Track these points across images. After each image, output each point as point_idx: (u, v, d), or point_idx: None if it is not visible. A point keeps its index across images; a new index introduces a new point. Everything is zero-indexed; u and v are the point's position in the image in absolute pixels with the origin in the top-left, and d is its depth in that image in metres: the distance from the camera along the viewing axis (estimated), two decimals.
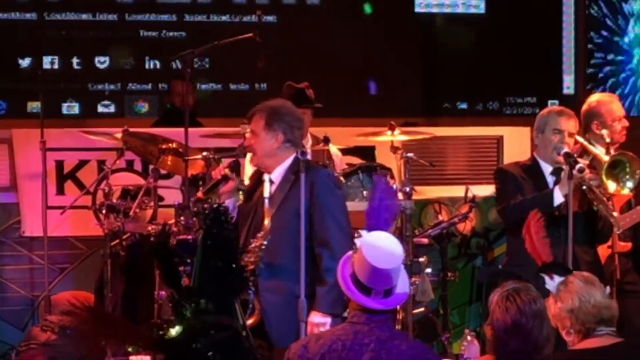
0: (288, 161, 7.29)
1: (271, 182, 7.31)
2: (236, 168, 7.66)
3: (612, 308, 6.22)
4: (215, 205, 4.84)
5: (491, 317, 5.70)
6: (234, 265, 4.67)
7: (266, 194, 7.38)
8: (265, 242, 7.23)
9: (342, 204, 7.26)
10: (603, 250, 8.22)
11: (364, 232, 5.79)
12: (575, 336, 6.18)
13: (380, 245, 5.66)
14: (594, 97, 8.94)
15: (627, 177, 7.94)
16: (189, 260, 7.19)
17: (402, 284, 5.71)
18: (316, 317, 6.86)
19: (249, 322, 6.97)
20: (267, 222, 7.31)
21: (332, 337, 5.66)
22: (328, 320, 6.90)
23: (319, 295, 6.91)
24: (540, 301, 5.76)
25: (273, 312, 7.25)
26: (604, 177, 7.87)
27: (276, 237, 7.12)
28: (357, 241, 5.77)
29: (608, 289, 6.46)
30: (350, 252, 5.75)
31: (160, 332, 5.74)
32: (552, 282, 6.20)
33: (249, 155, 8.83)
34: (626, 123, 8.56)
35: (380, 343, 5.58)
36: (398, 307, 8.27)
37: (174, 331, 4.64)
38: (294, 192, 7.15)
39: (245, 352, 4.57)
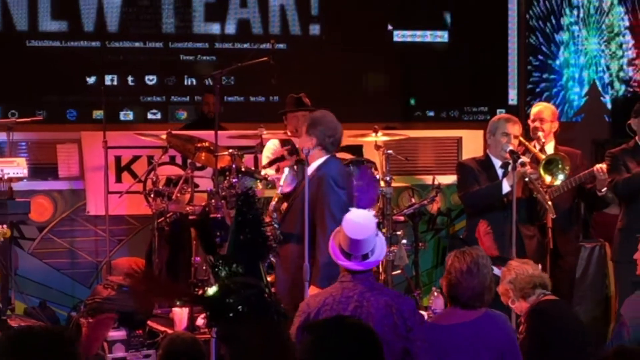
0: (319, 161, 7.25)
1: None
2: (293, 151, 7.63)
3: (543, 277, 6.34)
4: (245, 190, 4.87)
5: (448, 268, 5.78)
6: (259, 237, 4.69)
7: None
8: (275, 224, 7.30)
9: (339, 200, 7.12)
10: None
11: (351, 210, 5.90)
12: (518, 303, 6.27)
13: (356, 221, 5.76)
14: None
15: (560, 172, 7.96)
16: (218, 233, 7.21)
17: (380, 251, 5.79)
18: (311, 289, 6.83)
19: (271, 278, 7.02)
20: (279, 206, 7.34)
21: (326, 294, 5.74)
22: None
23: (313, 273, 6.89)
24: (487, 259, 5.84)
25: None
26: (541, 172, 7.89)
27: (294, 217, 7.13)
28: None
29: (540, 266, 6.56)
30: (338, 228, 5.81)
31: (196, 289, 5.72)
32: (498, 270, 6.34)
33: (265, 149, 8.91)
34: (539, 124, 8.49)
35: (362, 294, 5.64)
36: (380, 270, 8.34)
37: (211, 289, 4.65)
38: (308, 187, 7.16)
39: (268, 306, 4.58)
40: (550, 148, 8.41)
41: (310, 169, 7.24)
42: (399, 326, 5.52)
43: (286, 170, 7.78)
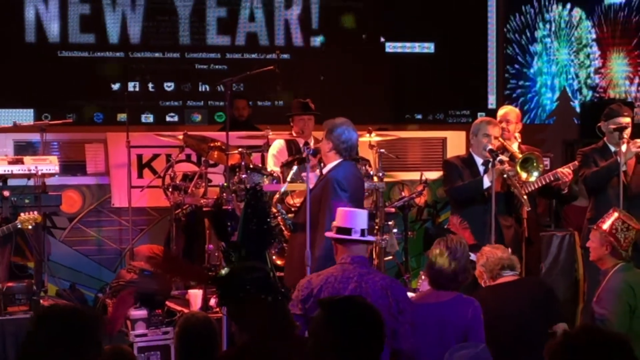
0: (333, 163, 7.22)
1: (322, 174, 7.32)
2: (315, 153, 7.56)
3: (511, 259, 6.35)
4: (253, 185, 4.88)
5: (428, 253, 5.81)
6: (266, 227, 4.69)
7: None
8: (282, 215, 7.26)
9: (340, 201, 6.95)
10: None
11: None
12: (489, 283, 6.27)
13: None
14: None
15: (534, 169, 7.94)
16: (228, 223, 7.18)
17: (372, 237, 5.94)
18: None
19: (282, 262, 6.99)
20: (296, 201, 7.29)
21: (328, 273, 5.73)
22: None
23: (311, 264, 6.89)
24: (465, 245, 5.83)
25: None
26: (518, 169, 7.87)
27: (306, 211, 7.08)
28: None
29: (510, 250, 6.55)
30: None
31: (210, 273, 5.68)
32: (474, 256, 6.34)
33: (271, 148, 8.88)
34: (505, 125, 8.45)
35: (361, 276, 5.64)
36: (374, 256, 8.31)
37: (223, 271, 4.64)
38: (319, 186, 7.14)
39: (272, 287, 4.58)
40: (514, 147, 8.40)
41: (325, 170, 7.26)
42: (393, 307, 5.52)
43: (294, 167, 7.80)
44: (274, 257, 8.02)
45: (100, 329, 3.98)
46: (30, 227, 8.02)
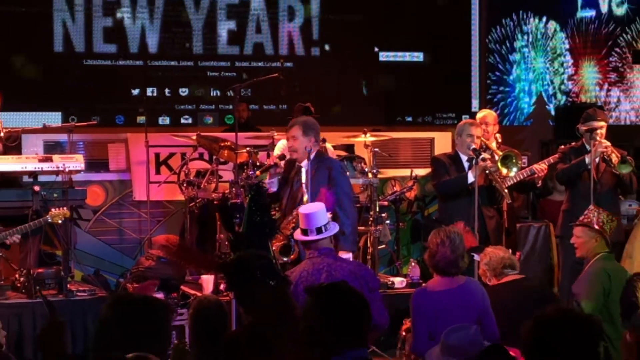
0: (312, 155, 7.24)
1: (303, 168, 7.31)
2: (283, 159, 7.58)
3: (512, 259, 6.31)
4: (258, 182, 4.88)
5: (428, 243, 5.77)
6: (268, 219, 4.69)
7: (303, 179, 7.33)
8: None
9: (348, 182, 7.27)
10: None
11: None
12: (493, 280, 6.24)
13: (307, 205, 6.01)
14: None
15: (514, 165, 7.94)
16: (237, 215, 7.17)
17: (333, 228, 5.89)
18: (344, 254, 6.78)
19: (291, 257, 6.96)
20: (305, 198, 7.24)
21: (299, 269, 5.72)
22: (350, 255, 6.96)
23: (342, 241, 6.87)
24: (460, 235, 5.79)
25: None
26: (499, 165, 7.86)
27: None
28: None
29: (510, 251, 6.53)
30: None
31: (220, 260, 5.66)
32: (477, 257, 6.31)
33: (275, 148, 8.86)
34: (484, 127, 8.42)
35: (330, 265, 5.65)
36: (368, 244, 8.29)
37: (230, 259, 4.64)
38: (317, 176, 7.13)
39: (275, 273, 4.57)
40: (493, 145, 8.40)
41: (305, 163, 7.24)
42: (364, 288, 5.52)
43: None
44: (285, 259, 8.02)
45: (170, 321, 3.95)
46: (60, 221, 8.01)
